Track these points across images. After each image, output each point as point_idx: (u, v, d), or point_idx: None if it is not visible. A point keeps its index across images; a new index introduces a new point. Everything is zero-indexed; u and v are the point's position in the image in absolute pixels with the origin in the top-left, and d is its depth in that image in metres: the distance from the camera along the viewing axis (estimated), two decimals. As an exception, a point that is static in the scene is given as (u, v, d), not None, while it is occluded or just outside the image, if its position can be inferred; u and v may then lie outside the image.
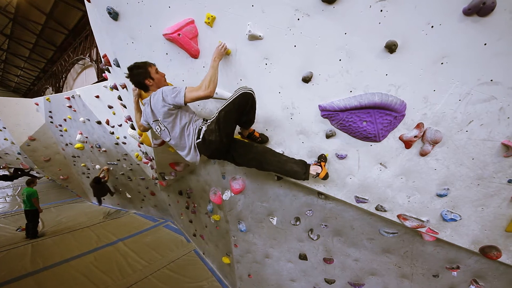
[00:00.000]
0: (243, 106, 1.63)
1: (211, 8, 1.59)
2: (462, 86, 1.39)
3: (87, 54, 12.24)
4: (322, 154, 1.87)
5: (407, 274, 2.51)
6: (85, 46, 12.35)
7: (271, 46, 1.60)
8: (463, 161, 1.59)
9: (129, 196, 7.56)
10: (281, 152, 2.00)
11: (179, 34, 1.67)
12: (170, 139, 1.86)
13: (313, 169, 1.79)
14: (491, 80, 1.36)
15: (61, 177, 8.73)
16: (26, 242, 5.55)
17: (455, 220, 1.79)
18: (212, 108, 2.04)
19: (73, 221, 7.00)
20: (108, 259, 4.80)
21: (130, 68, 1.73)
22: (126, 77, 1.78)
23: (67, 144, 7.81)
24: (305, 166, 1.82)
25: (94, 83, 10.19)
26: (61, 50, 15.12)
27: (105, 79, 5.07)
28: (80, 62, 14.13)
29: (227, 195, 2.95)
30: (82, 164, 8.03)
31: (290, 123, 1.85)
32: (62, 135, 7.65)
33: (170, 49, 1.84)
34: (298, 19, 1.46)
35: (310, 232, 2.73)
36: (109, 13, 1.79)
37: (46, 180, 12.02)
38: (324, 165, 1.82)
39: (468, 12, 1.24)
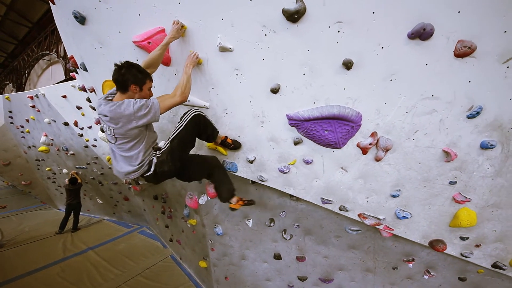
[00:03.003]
0: (196, 128, 1.71)
1: (181, 18, 1.62)
2: (408, 100, 1.58)
3: (54, 50, 11.37)
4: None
5: (371, 268, 2.73)
6: (51, 41, 11.47)
7: (241, 58, 1.67)
8: (411, 166, 1.79)
9: (100, 201, 7.19)
10: (253, 158, 2.08)
11: (149, 42, 1.68)
12: (114, 145, 1.64)
13: (233, 200, 2.05)
14: (432, 96, 1.56)
15: (23, 182, 8.05)
16: (-18, 255, 5.08)
17: (407, 218, 2.00)
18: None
19: (37, 230, 6.50)
20: (77, 270, 4.55)
21: (130, 65, 1.49)
22: (115, 65, 1.50)
23: (29, 147, 7.24)
24: (231, 194, 2.05)
25: (60, 82, 9.53)
26: (23, 44, 13.86)
27: (73, 78, 4.81)
28: (45, 58, 13.08)
29: (203, 199, 2.98)
30: (47, 168, 7.49)
31: (261, 131, 1.94)
32: (24, 137, 7.08)
33: (141, 55, 1.84)
34: (266, 35, 1.55)
35: (283, 232, 2.85)
36: (76, 17, 1.74)
37: (5, 185, 11.00)
38: (241, 205, 2.09)
39: (412, 36, 1.42)
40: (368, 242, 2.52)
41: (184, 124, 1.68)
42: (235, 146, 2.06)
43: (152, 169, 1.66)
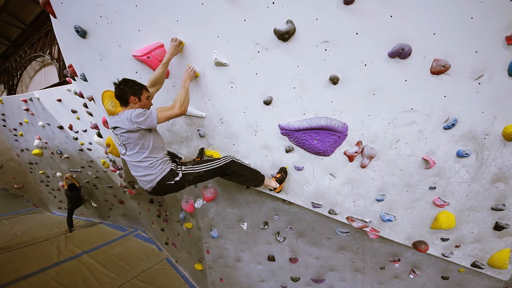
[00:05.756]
0: (225, 171, 1.93)
1: (179, 35, 1.72)
2: (390, 112, 1.71)
3: (47, 51, 11.25)
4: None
5: (360, 268, 2.86)
6: (45, 43, 11.34)
7: (235, 72, 1.78)
8: (394, 172, 1.93)
9: (95, 205, 7.17)
10: (247, 164, 2.19)
11: (148, 57, 1.78)
12: (125, 155, 1.77)
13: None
14: (411, 108, 1.69)
15: (15, 185, 7.93)
16: (-27, 260, 5.02)
17: (391, 221, 2.13)
18: (182, 123, 2.16)
19: (30, 234, 6.42)
20: (72, 274, 4.55)
21: (126, 80, 1.66)
22: (114, 83, 1.68)
23: (22, 150, 7.16)
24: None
25: (54, 85, 9.44)
26: (16, 45, 13.65)
27: (68, 82, 4.83)
28: (38, 60, 12.93)
29: (199, 203, 3.05)
30: (40, 172, 7.42)
31: (254, 139, 2.05)
32: (17, 140, 7.00)
33: (140, 68, 1.93)
34: (258, 52, 1.66)
35: (277, 234, 2.96)
36: (77, 31, 1.81)
37: (-4, 189, 10.82)
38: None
39: (392, 55, 1.55)
40: (357, 244, 2.65)
41: (222, 164, 1.90)
42: (285, 175, 2.12)
43: (177, 179, 1.79)
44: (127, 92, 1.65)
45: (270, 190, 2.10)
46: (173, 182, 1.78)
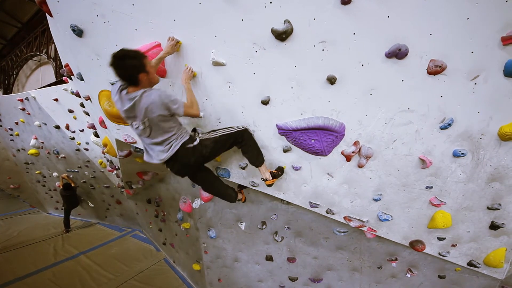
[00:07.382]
0: (239, 139, 1.89)
1: (177, 34, 1.72)
2: (387, 112, 1.72)
3: (44, 51, 11.18)
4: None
5: (357, 267, 2.87)
6: (41, 42, 11.27)
7: (233, 72, 1.77)
8: (391, 172, 1.94)
9: (92, 205, 7.12)
10: (244, 165, 2.19)
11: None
12: (147, 138, 1.73)
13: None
14: (408, 109, 1.70)
15: (11, 186, 7.86)
16: (-31, 261, 4.97)
17: (388, 220, 2.15)
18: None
19: (27, 235, 6.37)
20: (69, 274, 4.53)
21: (120, 56, 1.44)
22: (110, 64, 1.47)
23: (18, 150, 7.10)
24: (235, 192, 2.27)
25: (51, 84, 9.38)
26: (12, 44, 13.54)
27: (64, 81, 4.80)
28: (35, 58, 12.82)
29: (197, 203, 3.06)
30: (36, 172, 7.36)
31: (252, 139, 2.04)
32: (12, 140, 6.94)
33: (138, 67, 1.92)
34: (256, 51, 1.66)
35: (275, 234, 2.96)
36: (73, 30, 1.80)
37: (-9, 189, 10.69)
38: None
39: (389, 55, 1.56)
40: (355, 243, 2.66)
41: (236, 130, 1.87)
42: (280, 173, 2.11)
43: (195, 143, 1.76)
44: (129, 72, 1.49)
45: (262, 180, 2.08)
46: (192, 145, 1.76)
